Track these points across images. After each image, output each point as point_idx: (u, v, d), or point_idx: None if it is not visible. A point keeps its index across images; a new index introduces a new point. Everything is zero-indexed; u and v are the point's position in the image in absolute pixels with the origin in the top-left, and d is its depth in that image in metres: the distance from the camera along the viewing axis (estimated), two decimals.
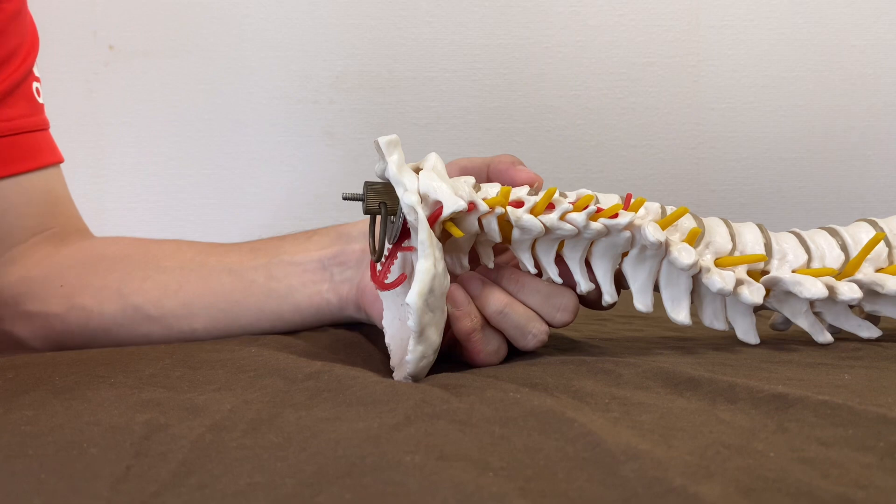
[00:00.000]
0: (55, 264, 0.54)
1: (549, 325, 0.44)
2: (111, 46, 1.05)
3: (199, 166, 1.07)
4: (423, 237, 0.39)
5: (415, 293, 0.38)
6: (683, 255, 0.44)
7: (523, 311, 0.43)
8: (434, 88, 1.05)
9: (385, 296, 0.45)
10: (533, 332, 0.43)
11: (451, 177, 0.45)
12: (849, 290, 0.46)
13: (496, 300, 0.43)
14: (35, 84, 0.57)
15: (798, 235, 0.48)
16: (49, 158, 0.58)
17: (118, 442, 0.29)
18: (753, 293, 0.45)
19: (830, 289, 0.46)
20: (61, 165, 0.60)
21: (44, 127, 0.58)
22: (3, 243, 0.55)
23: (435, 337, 0.40)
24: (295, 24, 1.05)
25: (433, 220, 0.40)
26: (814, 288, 0.45)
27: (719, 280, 0.44)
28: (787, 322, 0.50)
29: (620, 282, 0.46)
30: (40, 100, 0.58)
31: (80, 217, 0.60)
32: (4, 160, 0.54)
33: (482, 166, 0.46)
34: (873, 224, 0.48)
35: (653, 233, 0.43)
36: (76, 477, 0.26)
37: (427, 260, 0.38)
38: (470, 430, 0.30)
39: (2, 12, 0.54)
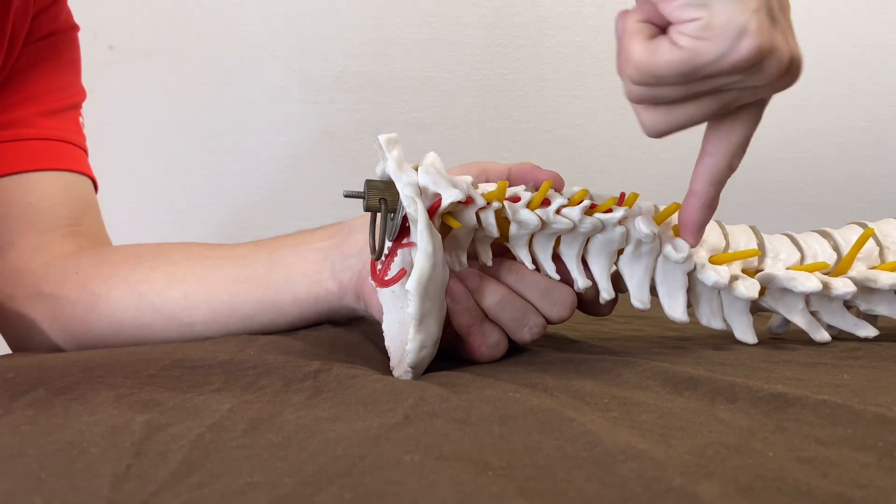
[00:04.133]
0: (74, 256, 0.58)
1: (547, 320, 0.44)
2: (111, 46, 1.05)
3: (199, 166, 1.07)
4: (423, 226, 0.39)
5: (414, 279, 0.38)
6: (678, 247, 0.44)
7: (521, 304, 0.44)
8: (434, 88, 1.05)
9: (385, 299, 0.45)
10: (529, 324, 0.44)
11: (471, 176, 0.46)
12: (843, 285, 0.46)
13: (494, 292, 0.43)
14: (80, 118, 0.65)
15: (790, 237, 0.48)
16: (89, 172, 0.64)
17: (118, 442, 0.29)
18: (749, 288, 0.45)
19: (825, 284, 0.46)
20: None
21: (86, 150, 0.65)
22: (37, 227, 0.59)
23: (434, 328, 0.40)
24: (295, 24, 1.05)
25: (432, 211, 0.41)
26: (808, 282, 0.45)
27: (714, 274, 0.45)
28: (785, 324, 0.51)
29: (618, 285, 0.46)
30: (84, 131, 0.66)
31: (106, 232, 0.65)
32: (51, 157, 0.61)
33: (504, 171, 0.47)
34: (864, 227, 0.49)
35: (646, 225, 0.43)
36: (76, 477, 0.26)
37: (426, 248, 0.39)
38: (469, 429, 0.30)
39: (63, 56, 0.64)
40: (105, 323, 0.54)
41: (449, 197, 0.41)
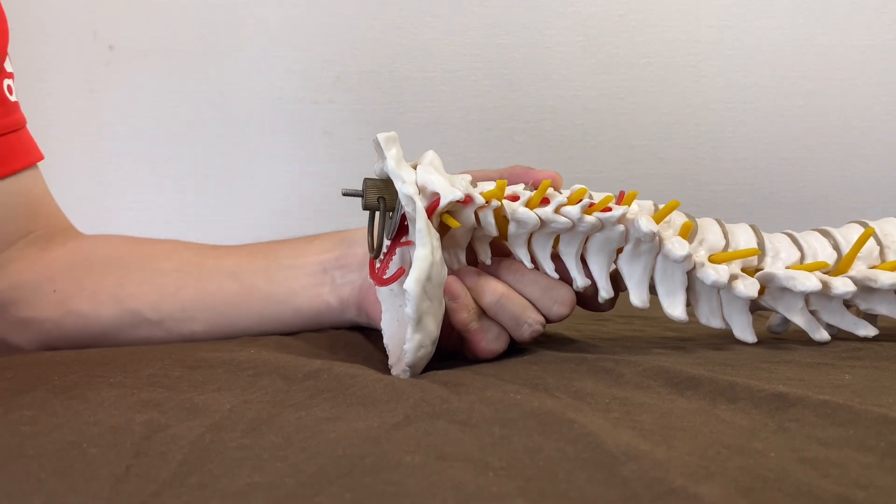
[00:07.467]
0: (45, 268, 0.53)
1: (546, 318, 0.44)
2: (111, 46, 1.05)
3: (199, 166, 1.07)
4: (421, 225, 0.39)
5: (412, 279, 0.38)
6: (677, 246, 0.44)
7: (520, 301, 0.44)
8: (434, 88, 1.05)
9: (383, 297, 0.45)
10: (529, 321, 0.44)
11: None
12: (842, 285, 0.46)
13: (492, 290, 0.43)
14: (7, 81, 0.54)
15: (791, 236, 0.48)
16: (24, 160, 0.55)
17: (118, 442, 0.29)
18: (748, 287, 0.45)
19: (824, 283, 0.46)
20: (40, 163, 0.58)
21: (18, 127, 0.55)
22: None
23: (433, 327, 0.40)
24: (295, 24, 1.05)
25: (431, 211, 0.41)
26: (808, 282, 0.45)
27: (713, 273, 0.45)
28: (785, 323, 0.50)
29: (618, 284, 0.46)
30: (13, 98, 0.55)
31: (64, 215, 0.59)
32: None
33: (496, 176, 0.47)
34: (864, 225, 0.49)
35: (646, 224, 0.43)
36: (76, 477, 0.26)
37: (425, 247, 0.39)
38: (470, 430, 0.30)
39: None
40: (101, 341, 0.51)
41: (447, 196, 0.40)
